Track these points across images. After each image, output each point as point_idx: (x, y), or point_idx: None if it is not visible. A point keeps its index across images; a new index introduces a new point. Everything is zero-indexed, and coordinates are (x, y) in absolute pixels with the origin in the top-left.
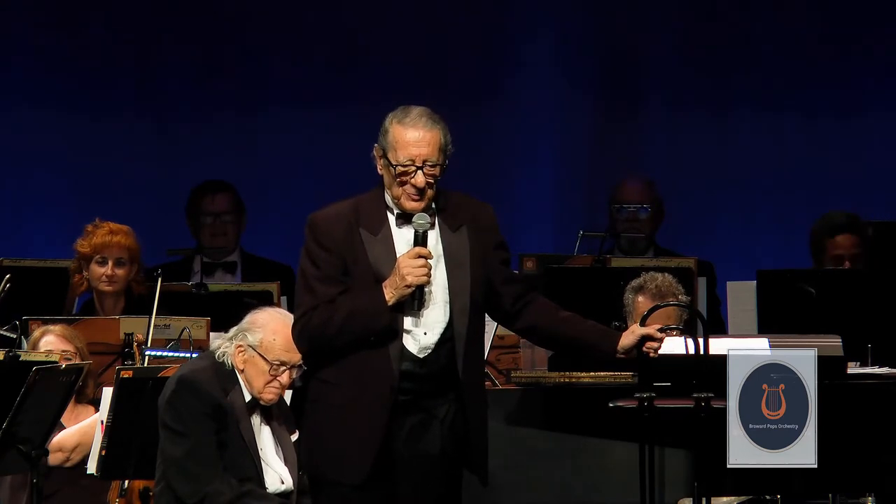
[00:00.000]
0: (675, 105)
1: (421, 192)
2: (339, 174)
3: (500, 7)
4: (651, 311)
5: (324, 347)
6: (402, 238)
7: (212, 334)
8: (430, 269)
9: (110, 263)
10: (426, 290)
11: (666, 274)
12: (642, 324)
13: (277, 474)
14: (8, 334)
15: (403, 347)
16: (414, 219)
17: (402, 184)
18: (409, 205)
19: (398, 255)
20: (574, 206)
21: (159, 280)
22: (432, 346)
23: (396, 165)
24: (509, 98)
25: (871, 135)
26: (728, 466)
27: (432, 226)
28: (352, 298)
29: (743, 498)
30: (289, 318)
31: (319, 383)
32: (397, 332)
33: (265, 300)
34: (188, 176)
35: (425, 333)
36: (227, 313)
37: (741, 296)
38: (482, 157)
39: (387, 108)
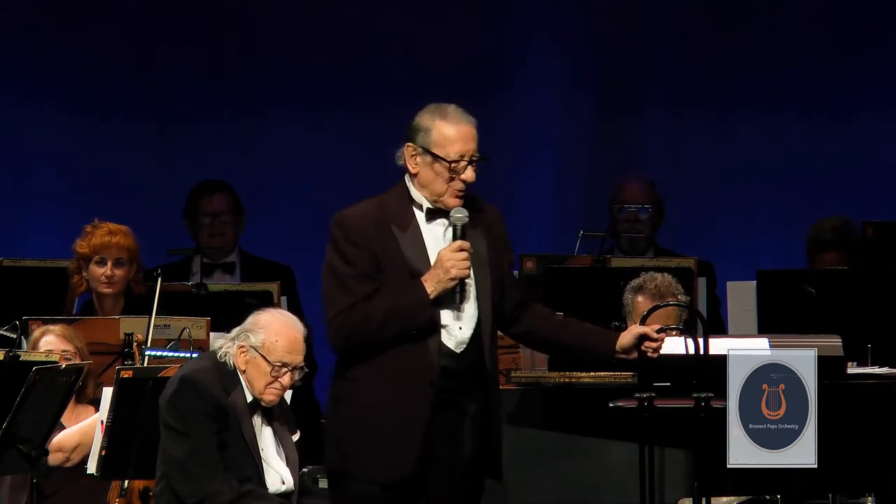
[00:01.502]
0: (676, 105)
1: (467, 187)
2: (340, 174)
3: (501, 7)
4: (651, 310)
5: (363, 344)
6: (431, 233)
7: (212, 334)
8: (470, 263)
9: (109, 264)
10: (466, 283)
11: (665, 274)
12: (642, 324)
13: (278, 474)
14: (8, 334)
15: (442, 343)
16: (452, 213)
17: (451, 180)
18: (453, 201)
19: (428, 251)
20: (574, 206)
21: (159, 280)
22: (467, 340)
23: (450, 162)
24: (509, 98)
25: (870, 135)
26: (728, 466)
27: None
28: (391, 294)
29: (743, 498)
30: (291, 319)
31: (348, 382)
32: (437, 327)
33: (265, 300)
34: (188, 176)
35: (460, 328)
36: (227, 313)
37: (741, 296)
38: None
39: (386, 108)
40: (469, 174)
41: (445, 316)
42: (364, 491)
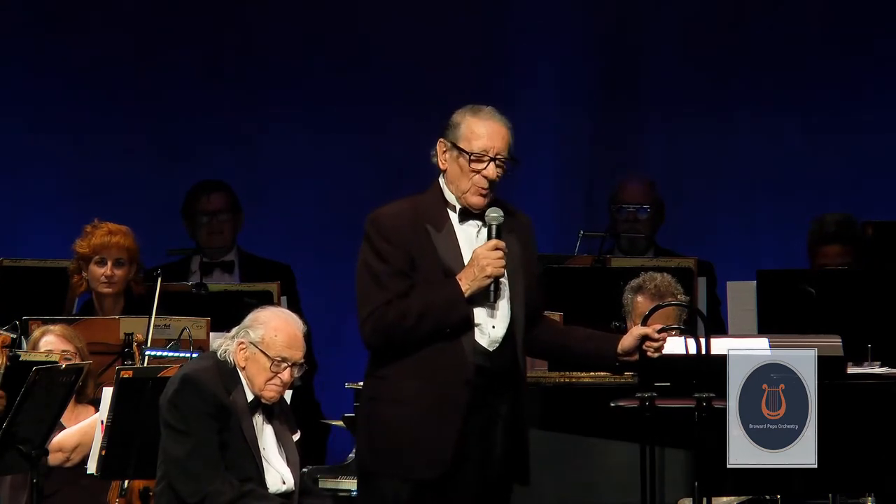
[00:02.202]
0: (676, 105)
1: (490, 185)
2: (340, 174)
3: (501, 7)
4: (652, 310)
5: (399, 342)
6: (464, 234)
7: (212, 335)
8: (505, 262)
9: (109, 264)
10: (501, 282)
11: (665, 274)
12: (643, 324)
13: (279, 474)
14: (8, 334)
15: (476, 341)
16: (488, 212)
17: (474, 174)
18: (475, 199)
19: (462, 251)
20: (574, 206)
21: (159, 280)
22: (500, 339)
23: (471, 154)
24: (509, 98)
25: (870, 135)
26: (728, 466)
27: (486, 225)
28: (426, 291)
29: (743, 498)
30: (291, 316)
31: (380, 381)
32: (471, 324)
33: (265, 300)
34: (188, 176)
35: (494, 327)
36: (227, 313)
37: (741, 296)
38: None
39: (386, 108)
40: (490, 171)
41: (479, 314)
42: (396, 489)
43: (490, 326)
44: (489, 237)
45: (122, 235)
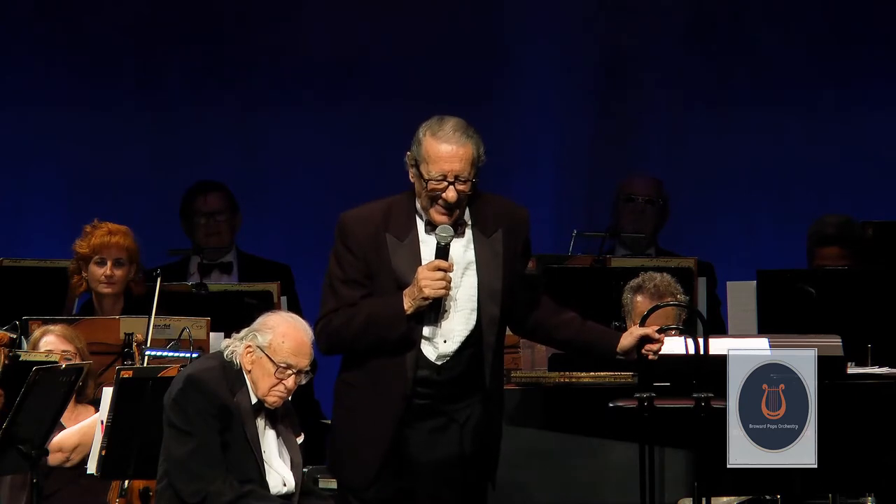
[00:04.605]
0: (676, 104)
1: (451, 207)
2: (340, 174)
3: (502, 5)
4: (651, 310)
5: (343, 349)
6: (430, 245)
7: (212, 335)
8: (449, 282)
9: (109, 264)
10: (445, 301)
11: (664, 274)
12: (642, 324)
13: (280, 476)
14: (7, 333)
15: (420, 355)
16: (437, 230)
17: (433, 198)
18: (438, 218)
19: (423, 262)
20: (574, 206)
21: (159, 280)
22: (451, 353)
23: (428, 180)
24: (509, 97)
25: (871, 134)
26: (728, 466)
27: (461, 235)
28: (372, 304)
29: (743, 498)
30: (301, 323)
31: (342, 384)
32: (415, 340)
33: (265, 300)
34: (188, 176)
35: (445, 342)
36: (227, 313)
37: (741, 296)
38: None
39: (386, 107)
40: (450, 194)
41: (428, 330)
42: (343, 494)
43: (441, 341)
44: (436, 256)
45: (121, 235)
